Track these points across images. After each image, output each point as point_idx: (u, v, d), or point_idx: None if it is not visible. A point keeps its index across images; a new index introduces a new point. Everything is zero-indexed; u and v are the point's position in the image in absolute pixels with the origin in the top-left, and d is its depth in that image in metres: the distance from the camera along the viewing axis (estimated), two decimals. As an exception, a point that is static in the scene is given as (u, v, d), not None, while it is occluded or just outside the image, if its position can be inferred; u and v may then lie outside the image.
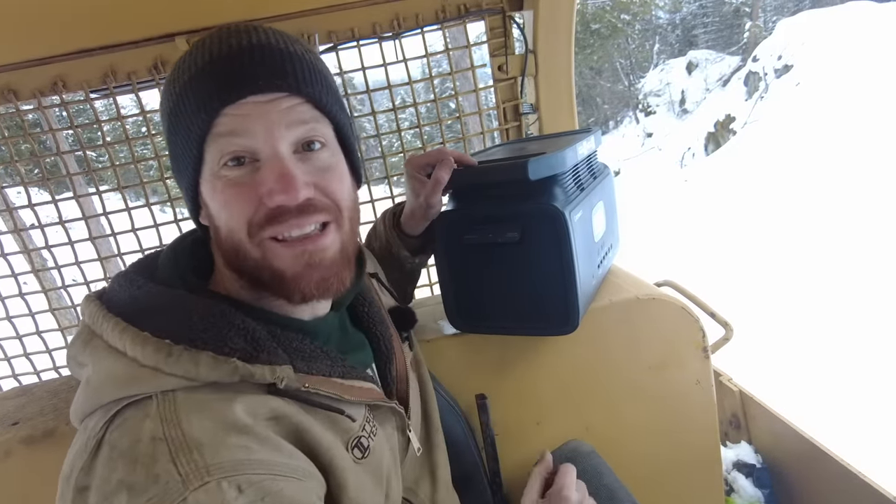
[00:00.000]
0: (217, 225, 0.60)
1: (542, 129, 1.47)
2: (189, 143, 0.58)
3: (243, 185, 0.57)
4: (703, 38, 16.55)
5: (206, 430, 0.49)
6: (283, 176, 0.56)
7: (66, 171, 1.37)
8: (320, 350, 0.61)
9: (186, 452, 0.47)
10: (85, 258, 1.38)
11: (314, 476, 0.54)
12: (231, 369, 0.52)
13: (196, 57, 0.58)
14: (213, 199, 0.59)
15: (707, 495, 1.21)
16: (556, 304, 0.92)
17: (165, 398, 0.50)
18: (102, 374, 0.53)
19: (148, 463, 0.46)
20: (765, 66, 10.80)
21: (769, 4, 16.04)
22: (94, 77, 1.25)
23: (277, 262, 0.58)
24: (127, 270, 0.63)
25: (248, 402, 0.52)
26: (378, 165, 1.52)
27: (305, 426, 0.55)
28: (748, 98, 10.98)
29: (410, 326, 0.86)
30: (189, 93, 0.57)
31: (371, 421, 0.65)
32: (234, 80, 0.56)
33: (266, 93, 0.56)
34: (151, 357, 0.51)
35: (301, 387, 0.55)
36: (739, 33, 15.22)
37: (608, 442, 1.11)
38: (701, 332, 1.11)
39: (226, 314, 0.56)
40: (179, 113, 0.58)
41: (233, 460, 0.47)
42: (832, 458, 1.14)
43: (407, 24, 1.34)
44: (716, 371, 1.45)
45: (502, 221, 0.90)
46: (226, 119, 0.56)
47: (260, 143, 0.56)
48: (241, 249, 0.58)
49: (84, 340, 0.56)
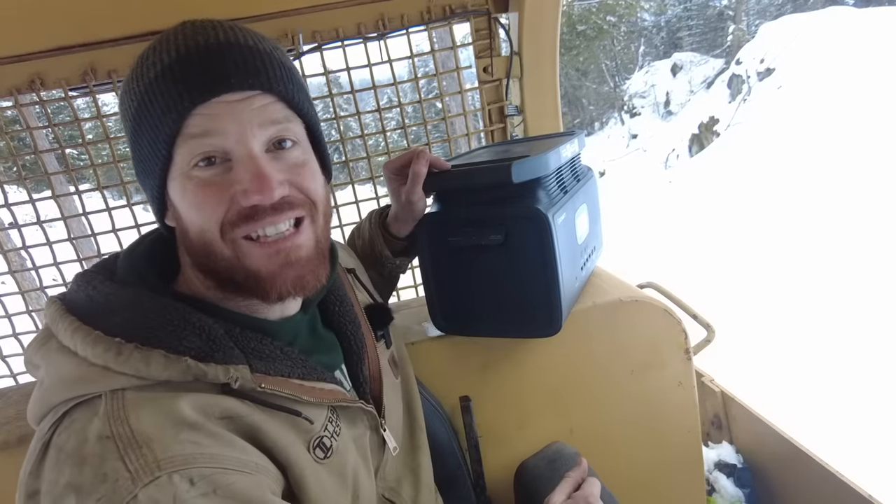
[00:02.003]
0: (186, 225, 0.59)
1: (527, 130, 1.47)
2: (157, 143, 0.56)
3: (215, 184, 0.56)
4: (687, 40, 16.72)
5: (156, 425, 0.48)
6: (257, 176, 0.55)
7: (45, 169, 1.35)
8: (280, 351, 0.60)
9: (135, 449, 0.46)
10: (64, 259, 1.36)
11: (268, 471, 0.53)
12: (183, 368, 0.51)
13: (160, 53, 0.56)
14: (182, 199, 0.57)
15: (689, 495, 1.22)
16: (539, 306, 0.92)
17: (115, 397, 0.50)
18: (53, 374, 0.53)
19: (95, 463, 0.45)
20: (748, 69, 10.93)
21: (752, 8, 16.24)
22: (73, 75, 1.23)
23: (250, 261, 0.58)
24: (86, 270, 0.62)
25: (200, 400, 0.52)
26: (363, 165, 1.51)
27: (260, 426, 0.54)
28: (731, 100, 11.10)
29: (386, 324, 0.85)
30: (156, 91, 0.55)
31: (335, 421, 0.64)
32: (206, 78, 0.54)
33: (238, 91, 0.55)
34: (101, 356, 0.51)
35: (256, 387, 0.55)
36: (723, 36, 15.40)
37: (592, 443, 1.12)
38: (683, 333, 1.12)
39: (182, 313, 0.55)
40: (145, 112, 0.56)
41: (183, 454, 0.47)
42: (812, 458, 1.15)
43: (392, 25, 1.33)
44: (698, 372, 1.46)
45: (486, 224, 0.91)
46: (197, 119, 0.54)
47: (232, 143, 0.55)
48: (213, 249, 0.57)
49: (39, 343, 0.56)
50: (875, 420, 2.98)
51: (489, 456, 1.05)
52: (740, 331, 4.06)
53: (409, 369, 0.91)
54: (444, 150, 1.57)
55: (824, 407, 3.14)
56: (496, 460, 1.08)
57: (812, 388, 3.38)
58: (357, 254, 1.02)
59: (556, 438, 1.13)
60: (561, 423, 1.13)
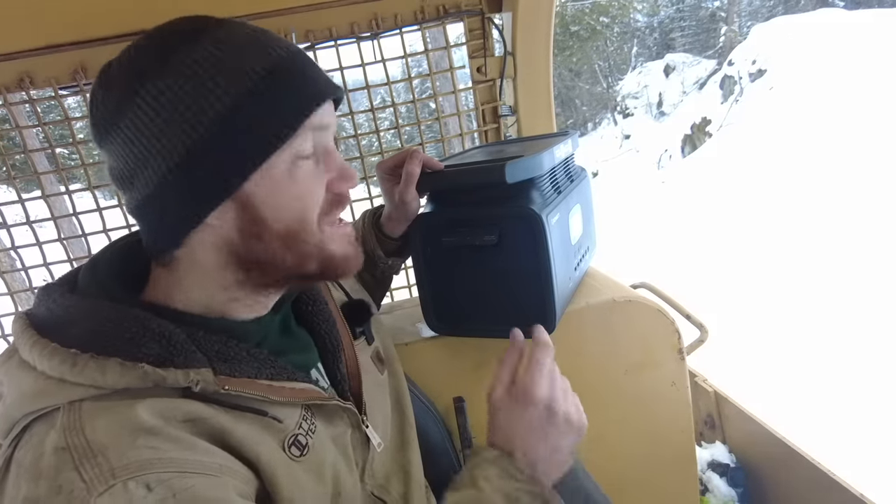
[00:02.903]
0: (275, 219, 0.58)
1: (520, 131, 1.47)
2: (272, 133, 0.56)
3: (316, 175, 0.61)
4: (680, 41, 16.79)
5: (112, 434, 0.47)
6: (344, 166, 0.63)
7: (34, 169, 1.34)
8: (246, 352, 0.59)
9: (90, 458, 0.45)
10: (54, 259, 1.35)
11: (235, 472, 0.52)
12: (140, 374, 0.50)
13: (263, 55, 0.56)
14: (278, 191, 0.58)
15: (682, 495, 1.23)
16: (533, 306, 0.92)
17: (72, 408, 0.49)
18: (14, 390, 0.52)
19: (51, 475, 0.45)
20: (740, 70, 10.99)
21: (744, 10, 16.34)
22: (63, 73, 1.22)
23: (334, 244, 0.63)
24: (49, 283, 0.61)
25: (160, 405, 0.51)
26: (357, 165, 1.51)
27: (225, 427, 0.54)
28: (724, 101, 11.15)
29: (364, 321, 0.85)
30: (276, 86, 0.55)
31: (309, 419, 0.63)
32: (320, 77, 0.60)
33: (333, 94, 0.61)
34: (57, 368, 0.50)
35: (220, 389, 0.54)
36: (715, 37, 15.49)
37: (584, 443, 1.11)
38: (676, 333, 1.12)
39: (140, 319, 0.54)
40: (255, 108, 0.54)
41: (139, 460, 0.46)
42: (804, 457, 1.16)
43: (385, 25, 1.33)
44: (691, 372, 1.46)
45: (480, 224, 0.90)
46: (320, 112, 0.59)
47: (329, 138, 0.63)
48: (305, 234, 0.61)
49: (4, 358, 0.55)
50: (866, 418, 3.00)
51: (483, 456, 1.05)
52: (733, 331, 4.08)
53: (396, 366, 0.90)
54: (438, 150, 1.57)
55: (816, 406, 3.16)
56: (490, 461, 1.07)
57: (804, 386, 3.40)
58: None
59: (550, 439, 1.12)
60: (555, 424, 1.13)
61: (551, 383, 0.70)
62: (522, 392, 0.69)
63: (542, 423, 0.68)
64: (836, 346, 3.76)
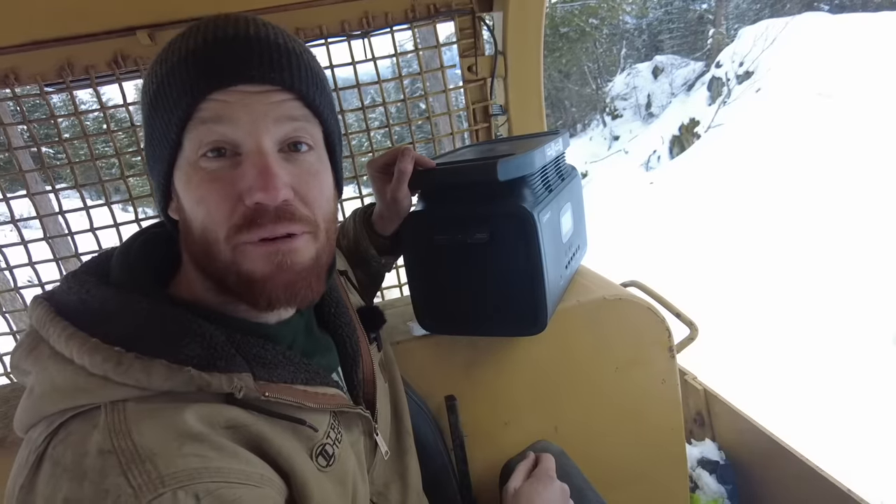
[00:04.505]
0: (189, 220, 0.56)
1: (511, 130, 1.47)
2: (169, 126, 0.54)
3: (221, 179, 0.54)
4: (668, 43, 16.89)
5: (159, 439, 0.46)
6: (263, 172, 0.53)
7: (19, 167, 1.32)
8: (283, 356, 0.59)
9: (138, 464, 0.44)
10: (40, 258, 1.33)
11: (273, 483, 0.52)
12: (186, 379, 0.49)
13: (188, 40, 0.55)
14: (187, 191, 0.55)
15: (672, 492, 1.23)
16: (524, 304, 0.92)
17: (115, 408, 0.48)
18: (46, 383, 0.50)
19: (96, 478, 0.43)
20: (727, 72, 11.07)
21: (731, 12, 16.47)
22: (48, 70, 1.20)
23: (249, 263, 0.55)
24: (77, 271, 0.59)
25: (204, 410, 0.50)
26: (347, 164, 1.50)
27: (265, 435, 0.53)
28: (711, 103, 11.23)
29: (378, 327, 0.84)
30: (176, 75, 0.54)
31: (336, 427, 0.63)
32: (226, 65, 0.53)
33: (257, 83, 0.54)
34: (100, 366, 0.48)
35: (261, 396, 0.53)
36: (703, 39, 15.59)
37: (576, 441, 1.12)
38: (667, 331, 1.13)
39: (181, 320, 0.53)
40: (162, 94, 0.54)
41: (188, 469, 0.45)
42: (792, 454, 1.17)
43: (376, 23, 1.33)
44: (681, 370, 1.47)
45: (472, 222, 0.90)
46: (211, 104, 0.53)
47: (243, 135, 0.53)
48: (213, 249, 0.55)
49: (28, 347, 0.53)
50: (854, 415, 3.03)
51: (475, 455, 1.05)
52: (722, 328, 4.12)
53: (395, 371, 0.90)
54: (429, 149, 1.57)
55: (804, 402, 3.19)
56: (482, 459, 1.08)
57: (791, 382, 3.43)
58: (343, 253, 1.01)
59: (541, 436, 1.13)
60: (546, 422, 1.13)
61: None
62: (544, 474, 0.84)
63: (558, 498, 0.81)
64: (823, 343, 3.80)
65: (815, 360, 3.65)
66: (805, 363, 3.63)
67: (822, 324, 4.05)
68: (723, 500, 1.33)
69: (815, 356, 3.68)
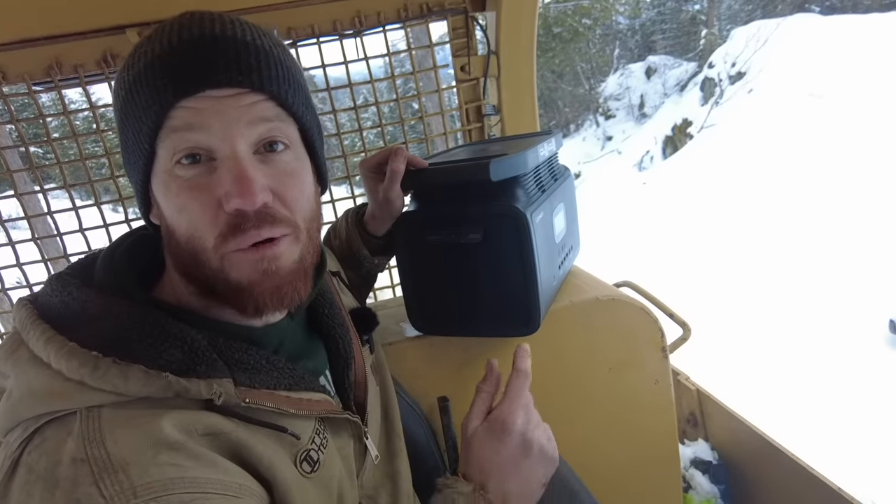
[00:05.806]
0: (172, 228, 0.56)
1: (504, 130, 1.47)
2: (140, 135, 0.53)
3: (200, 187, 0.53)
4: (661, 43, 16.93)
5: (134, 448, 0.45)
6: (239, 178, 0.52)
7: (7, 167, 1.30)
8: (266, 360, 0.58)
9: (111, 473, 0.43)
10: (28, 259, 1.32)
11: (252, 492, 0.51)
12: (164, 384, 0.48)
13: (154, 44, 0.53)
14: (166, 199, 0.55)
15: (665, 492, 1.23)
16: (517, 305, 0.92)
17: (90, 415, 0.47)
18: (23, 386, 0.49)
19: (68, 487, 0.43)
20: (719, 73, 11.13)
21: (724, 13, 16.54)
22: (37, 69, 1.19)
23: (236, 272, 0.54)
24: (62, 273, 0.58)
25: (182, 417, 0.49)
26: (339, 165, 1.50)
27: (245, 443, 0.52)
28: (704, 103, 11.28)
29: (371, 329, 0.83)
30: (143, 83, 0.52)
31: (322, 433, 0.61)
32: (194, 71, 0.52)
33: (226, 87, 0.52)
34: (76, 370, 0.47)
35: (241, 402, 0.52)
36: (696, 40, 15.64)
37: (569, 441, 1.12)
38: (660, 332, 1.13)
39: (162, 323, 0.52)
40: (131, 103, 0.54)
41: (162, 479, 0.44)
42: (785, 453, 1.17)
43: (368, 22, 1.32)
44: (674, 370, 1.47)
45: (464, 222, 0.90)
46: (181, 112, 0.52)
47: (216, 141, 0.52)
48: (202, 257, 0.54)
49: (9, 350, 0.52)
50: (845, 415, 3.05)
51: (467, 456, 1.04)
52: (715, 328, 4.13)
53: (386, 374, 0.89)
54: (422, 149, 1.56)
55: (797, 402, 3.21)
56: (474, 461, 1.07)
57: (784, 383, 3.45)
58: (335, 254, 1.00)
59: (535, 438, 1.12)
60: (539, 423, 1.13)
61: (527, 414, 0.67)
62: (499, 423, 0.66)
63: (516, 455, 0.65)
64: (815, 342, 3.82)
65: (807, 359, 3.67)
66: (797, 363, 3.65)
67: (814, 323, 4.07)
68: (716, 500, 1.33)
69: (807, 356, 3.70)
